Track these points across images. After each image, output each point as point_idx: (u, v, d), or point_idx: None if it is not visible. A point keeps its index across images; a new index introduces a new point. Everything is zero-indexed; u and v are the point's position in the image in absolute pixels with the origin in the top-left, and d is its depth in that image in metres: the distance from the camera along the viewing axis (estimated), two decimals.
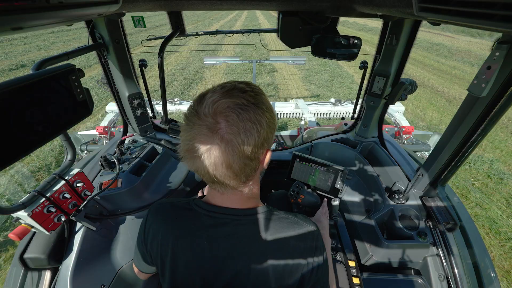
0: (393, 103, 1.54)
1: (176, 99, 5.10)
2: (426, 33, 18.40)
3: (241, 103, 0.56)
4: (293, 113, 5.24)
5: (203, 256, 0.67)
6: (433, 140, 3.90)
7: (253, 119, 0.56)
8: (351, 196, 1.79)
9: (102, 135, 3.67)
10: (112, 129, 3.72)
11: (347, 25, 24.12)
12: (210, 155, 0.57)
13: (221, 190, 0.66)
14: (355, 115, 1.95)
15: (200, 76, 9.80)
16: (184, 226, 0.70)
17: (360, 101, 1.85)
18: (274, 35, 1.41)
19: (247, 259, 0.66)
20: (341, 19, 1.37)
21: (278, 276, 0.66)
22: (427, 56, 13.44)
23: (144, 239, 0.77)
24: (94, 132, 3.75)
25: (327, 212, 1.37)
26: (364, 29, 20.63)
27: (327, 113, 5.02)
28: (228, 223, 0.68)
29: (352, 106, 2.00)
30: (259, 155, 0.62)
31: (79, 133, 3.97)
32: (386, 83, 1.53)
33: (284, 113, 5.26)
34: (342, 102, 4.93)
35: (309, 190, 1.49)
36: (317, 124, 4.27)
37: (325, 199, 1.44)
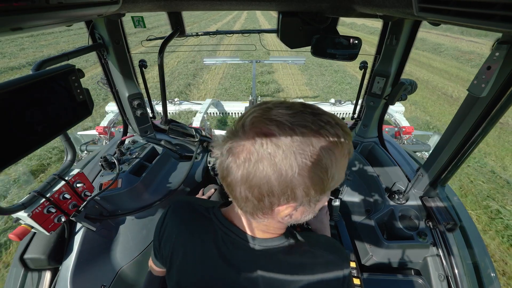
0: (393, 103, 1.54)
1: (176, 99, 5.10)
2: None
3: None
4: None
5: (212, 272, 0.62)
6: (433, 140, 3.89)
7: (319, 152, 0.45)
8: (351, 197, 1.79)
9: (102, 135, 3.67)
10: (112, 129, 3.72)
11: (345, 25, 24.02)
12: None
13: (240, 212, 0.59)
14: (355, 115, 1.95)
15: (200, 76, 9.82)
16: (199, 236, 0.66)
17: (360, 101, 1.85)
18: (274, 36, 1.41)
19: None
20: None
21: None
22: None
23: (160, 235, 0.75)
24: (93, 132, 3.75)
25: (327, 211, 1.37)
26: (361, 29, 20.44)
27: None
28: (242, 248, 0.61)
29: (352, 107, 2.00)
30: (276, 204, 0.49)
31: (78, 133, 3.97)
32: (386, 83, 1.53)
33: None
34: (342, 102, 4.92)
35: None
36: None
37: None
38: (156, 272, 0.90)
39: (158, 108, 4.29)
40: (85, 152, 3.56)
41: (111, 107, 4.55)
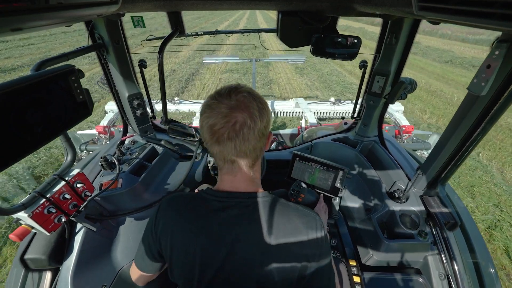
0: (393, 102, 1.54)
1: (176, 99, 5.09)
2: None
3: (250, 91, 0.72)
4: (293, 112, 5.23)
5: (214, 238, 0.71)
6: (433, 139, 3.89)
7: (262, 101, 0.73)
8: (351, 196, 1.79)
9: (101, 135, 3.67)
10: (112, 129, 3.71)
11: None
12: (234, 130, 0.67)
13: (234, 173, 0.76)
14: (355, 115, 1.95)
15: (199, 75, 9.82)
16: (196, 210, 0.76)
17: (360, 100, 1.85)
18: (274, 38, 1.41)
19: (254, 241, 0.70)
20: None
21: (283, 259, 0.70)
22: None
23: (154, 229, 0.81)
24: (93, 131, 3.75)
25: (325, 207, 1.37)
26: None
27: (327, 112, 5.01)
28: (235, 205, 0.74)
29: (352, 106, 2.00)
30: (267, 133, 0.76)
31: (78, 132, 3.96)
32: (386, 82, 1.53)
33: (284, 112, 5.24)
34: (342, 101, 4.93)
35: (309, 189, 1.49)
36: (319, 124, 4.26)
37: (322, 194, 1.44)
38: (141, 281, 0.95)
39: (158, 107, 4.29)
40: (85, 151, 3.56)
41: (111, 106, 4.54)
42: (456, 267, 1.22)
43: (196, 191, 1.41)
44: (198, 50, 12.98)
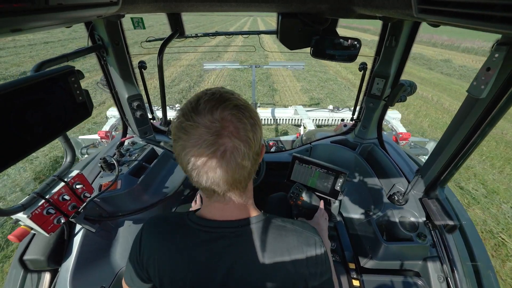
0: (392, 105, 1.54)
1: (177, 105, 5.09)
2: None
3: (237, 103, 0.57)
4: (292, 119, 5.29)
5: (204, 271, 0.65)
6: (430, 146, 3.90)
7: (253, 114, 0.59)
8: (351, 198, 1.79)
9: (103, 140, 3.68)
10: (114, 133, 3.72)
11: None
12: (224, 159, 0.54)
13: (226, 201, 0.65)
14: (355, 117, 1.95)
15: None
16: (182, 242, 0.68)
17: (359, 102, 1.85)
18: (274, 41, 1.41)
19: (248, 270, 0.65)
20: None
21: (282, 281, 0.65)
22: None
23: (140, 256, 0.73)
24: (95, 136, 3.76)
25: (325, 214, 1.36)
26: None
27: (325, 120, 5.08)
28: (226, 236, 0.66)
29: (350, 113, 2.01)
30: (261, 149, 0.64)
31: (80, 137, 3.97)
32: (386, 84, 1.53)
33: (283, 119, 5.32)
34: (340, 109, 4.99)
35: (309, 192, 1.49)
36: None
37: (322, 201, 1.44)
38: None
39: (158, 112, 4.29)
40: (86, 155, 3.56)
41: (113, 112, 4.55)
42: (455, 270, 1.22)
43: (197, 195, 1.39)
44: (199, 52, 13.00)
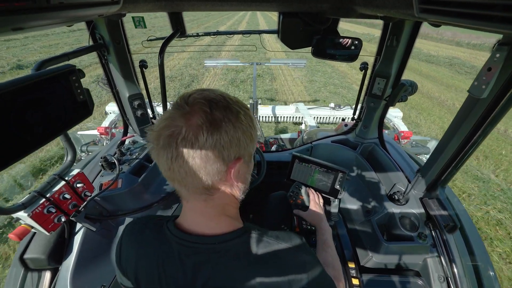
0: (393, 105, 1.54)
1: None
2: None
3: (214, 97, 0.56)
4: (293, 117, 5.29)
5: (177, 284, 0.61)
6: (431, 145, 3.89)
7: (224, 114, 0.54)
8: (351, 197, 1.79)
9: (103, 136, 3.67)
10: (113, 130, 3.72)
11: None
12: (168, 138, 0.53)
13: (193, 206, 0.63)
14: (356, 116, 1.95)
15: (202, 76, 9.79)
16: (155, 253, 0.64)
17: (360, 102, 1.85)
18: (274, 40, 1.41)
19: (226, 282, 0.59)
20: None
21: None
22: None
23: (120, 261, 0.72)
24: (94, 132, 3.75)
25: (317, 199, 1.36)
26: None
27: (327, 117, 5.07)
28: (201, 252, 0.61)
29: (351, 111, 2.00)
30: (230, 158, 0.57)
31: (79, 133, 3.96)
32: (387, 84, 1.53)
33: (284, 117, 5.33)
34: (342, 107, 4.98)
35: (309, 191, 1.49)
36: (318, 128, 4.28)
37: (311, 189, 1.44)
38: None
39: (159, 109, 4.29)
40: (86, 153, 3.56)
41: (112, 108, 4.54)
42: (455, 270, 1.22)
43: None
44: (200, 51, 12.96)
